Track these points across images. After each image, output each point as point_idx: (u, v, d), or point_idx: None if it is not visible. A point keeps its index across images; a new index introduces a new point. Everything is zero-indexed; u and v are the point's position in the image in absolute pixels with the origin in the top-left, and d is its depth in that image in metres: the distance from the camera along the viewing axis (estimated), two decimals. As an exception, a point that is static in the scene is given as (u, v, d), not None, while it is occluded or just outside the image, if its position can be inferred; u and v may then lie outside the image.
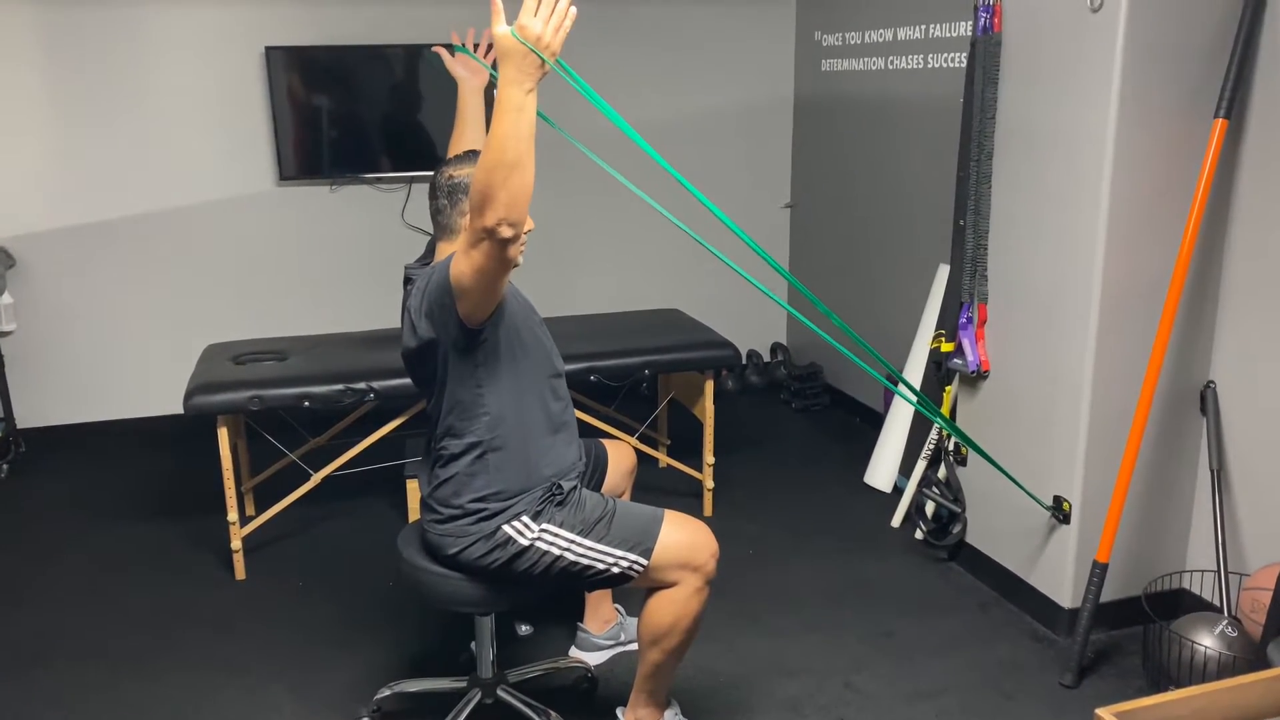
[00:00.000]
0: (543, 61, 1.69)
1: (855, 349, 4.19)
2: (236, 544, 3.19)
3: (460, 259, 1.90)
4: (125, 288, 4.37)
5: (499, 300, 2.01)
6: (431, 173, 2.21)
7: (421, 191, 4.52)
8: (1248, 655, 2.36)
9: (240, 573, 3.22)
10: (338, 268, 4.57)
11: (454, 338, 2.03)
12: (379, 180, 4.49)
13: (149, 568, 3.32)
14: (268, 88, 4.27)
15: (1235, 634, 2.42)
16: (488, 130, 2.42)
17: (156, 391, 4.48)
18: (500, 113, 1.71)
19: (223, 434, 3.08)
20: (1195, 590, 2.81)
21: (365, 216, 4.55)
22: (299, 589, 3.17)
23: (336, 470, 3.25)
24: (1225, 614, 2.53)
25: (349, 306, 4.58)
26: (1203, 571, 2.79)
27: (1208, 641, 2.41)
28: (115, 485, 4.00)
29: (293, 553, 3.41)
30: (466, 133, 2.54)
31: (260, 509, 3.54)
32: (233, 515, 3.15)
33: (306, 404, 3.10)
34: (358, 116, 4.40)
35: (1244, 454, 2.68)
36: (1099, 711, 1.06)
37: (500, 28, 1.68)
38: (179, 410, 4.45)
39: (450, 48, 2.54)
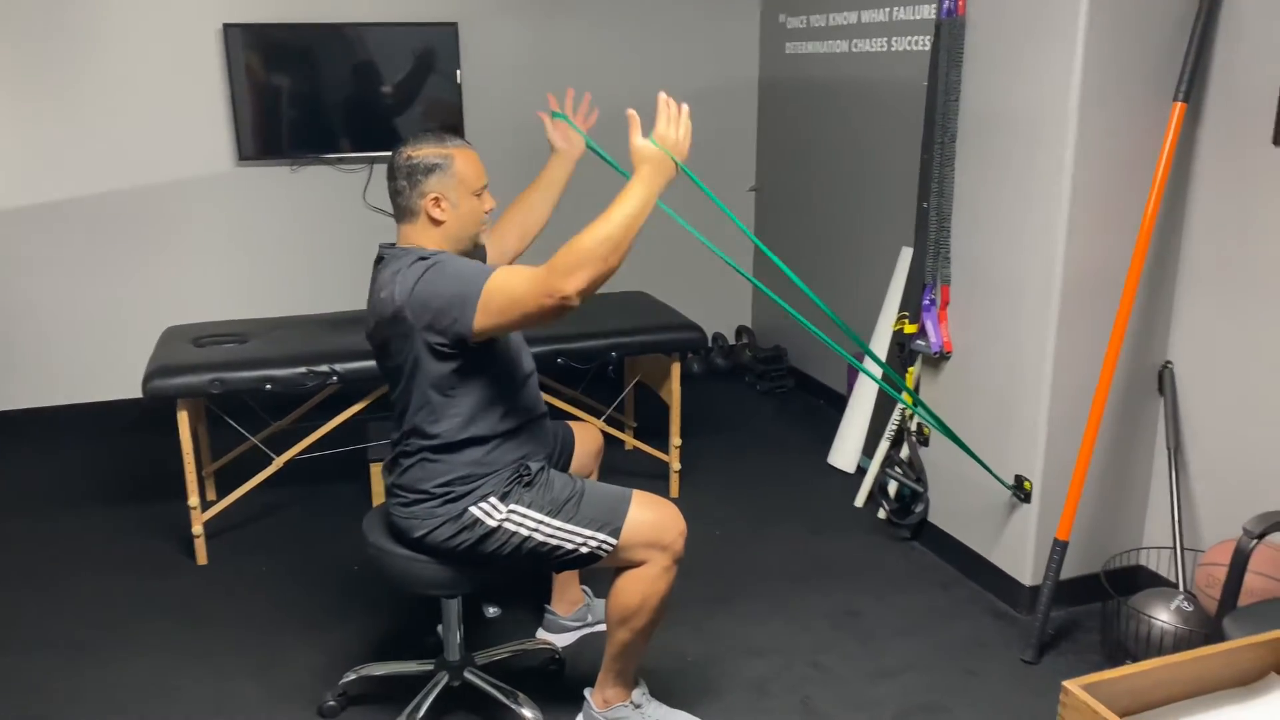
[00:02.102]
0: (675, 164, 1.95)
1: (825, 324, 4.21)
2: (198, 529, 3.15)
3: (510, 300, 1.92)
4: (80, 269, 4.29)
5: None
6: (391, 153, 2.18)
7: (383, 173, 4.46)
8: (1203, 629, 2.41)
9: (202, 558, 3.18)
10: (299, 249, 4.51)
11: (442, 343, 2.01)
12: (340, 161, 4.44)
13: (108, 554, 3.27)
14: (225, 66, 4.19)
15: (1191, 609, 2.47)
16: (546, 197, 2.48)
17: (113, 375, 4.40)
18: (633, 203, 1.90)
19: (183, 417, 3.03)
20: (1152, 567, 2.87)
21: (326, 197, 4.49)
22: (262, 573, 3.13)
23: (299, 454, 3.22)
24: (1181, 589, 2.58)
25: (310, 289, 4.53)
26: (1159, 548, 2.84)
27: (1164, 616, 2.46)
28: (72, 471, 3.93)
29: (255, 537, 3.37)
30: (534, 196, 2.52)
31: (221, 494, 3.49)
32: (194, 500, 3.11)
33: (269, 387, 3.06)
34: (318, 96, 4.33)
35: (1200, 433, 2.73)
36: (1066, 684, 1.07)
37: (639, 139, 1.93)
38: (137, 394, 4.38)
39: (552, 114, 2.49)
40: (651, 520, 2.13)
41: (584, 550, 2.11)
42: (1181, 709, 1.16)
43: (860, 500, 3.61)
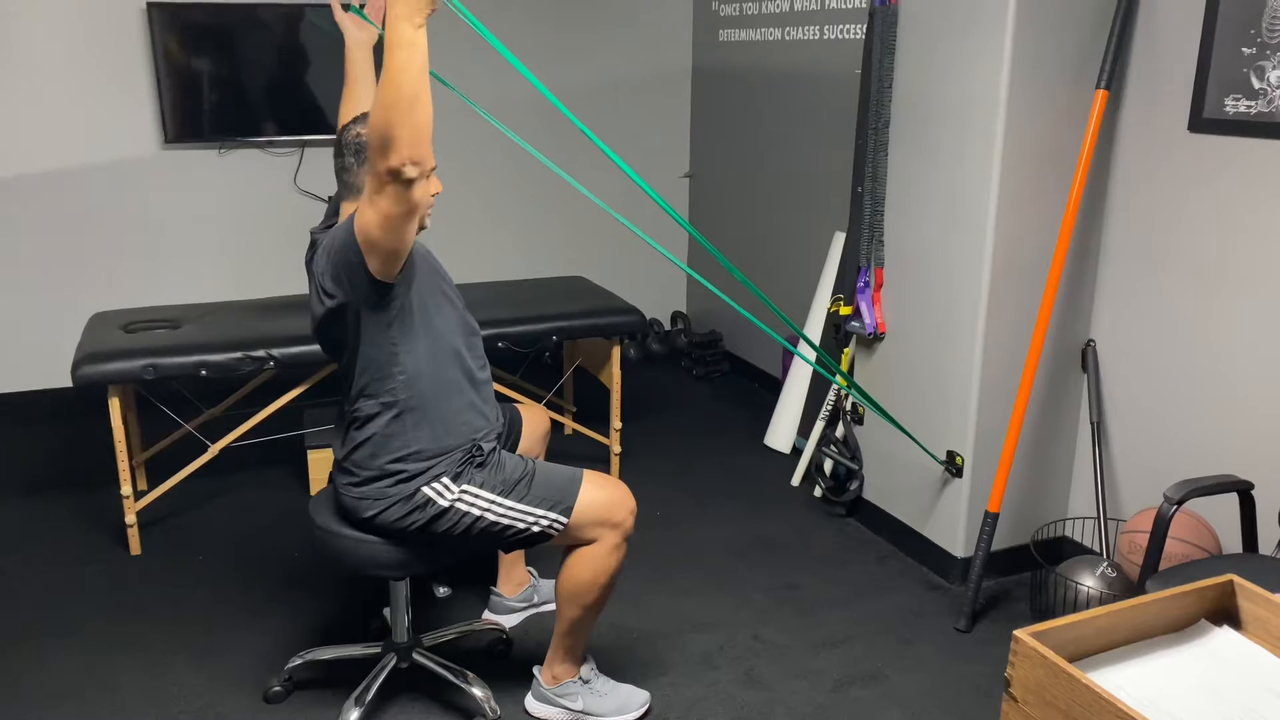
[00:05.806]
0: None
1: (759, 310, 4.28)
2: (131, 518, 3.08)
3: (365, 210, 1.86)
4: (2, 255, 4.15)
5: (408, 252, 1.98)
6: (325, 136, 2.16)
7: (314, 156, 4.40)
8: (1127, 594, 2.53)
9: (135, 548, 3.12)
10: (228, 234, 4.42)
11: (364, 295, 1.99)
12: (270, 144, 4.36)
13: (39, 545, 3.18)
14: (150, 46, 4.08)
15: (1115, 574, 2.59)
16: (366, 89, 2.34)
17: (37, 364, 4.26)
18: (392, 49, 1.70)
19: (114, 404, 2.97)
20: (1076, 537, 2.99)
21: (256, 181, 4.40)
22: (199, 562, 3.08)
23: (235, 441, 3.17)
24: (1105, 557, 2.70)
25: (241, 274, 4.45)
26: (1083, 519, 2.96)
27: (1090, 582, 2.58)
28: (-8, 462, 3.81)
29: (190, 527, 3.31)
30: (356, 90, 2.44)
31: (153, 483, 3.42)
32: (126, 488, 3.04)
33: (204, 372, 3.01)
34: (246, 78, 4.24)
35: (1121, 408, 2.85)
36: (1017, 633, 1.13)
37: None
38: (61, 383, 4.26)
39: (345, 5, 2.47)
40: (603, 499, 2.16)
41: (535, 530, 2.14)
42: (1123, 654, 1.24)
43: (796, 479, 3.69)
